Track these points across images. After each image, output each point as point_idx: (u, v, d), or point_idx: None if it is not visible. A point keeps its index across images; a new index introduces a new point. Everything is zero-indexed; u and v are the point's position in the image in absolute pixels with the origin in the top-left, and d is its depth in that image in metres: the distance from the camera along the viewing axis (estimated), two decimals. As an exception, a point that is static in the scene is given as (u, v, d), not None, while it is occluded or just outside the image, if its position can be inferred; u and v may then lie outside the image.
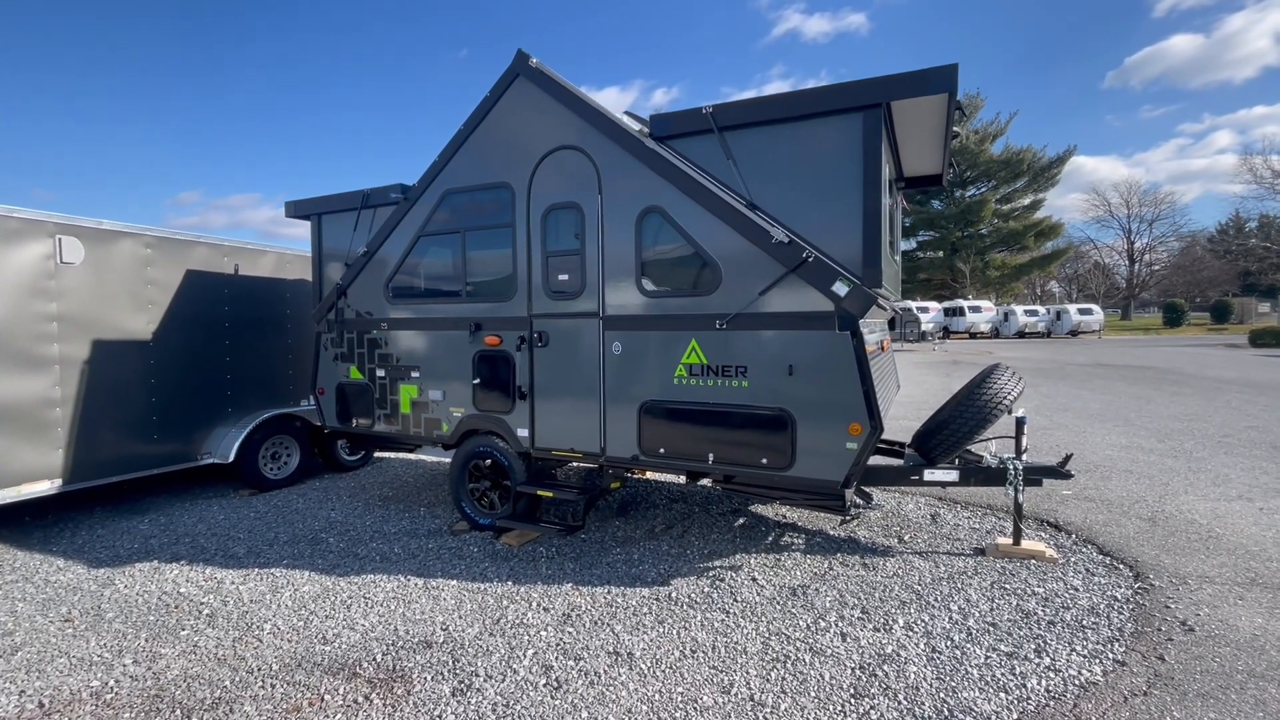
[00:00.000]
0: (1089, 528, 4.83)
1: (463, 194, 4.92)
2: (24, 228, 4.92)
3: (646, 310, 4.24)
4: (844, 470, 3.68)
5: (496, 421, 4.85)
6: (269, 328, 6.80)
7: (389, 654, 3.22)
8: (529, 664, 3.10)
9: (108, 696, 2.92)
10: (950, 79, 3.40)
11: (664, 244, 4.19)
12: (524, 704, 2.79)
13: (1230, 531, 4.65)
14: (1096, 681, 2.85)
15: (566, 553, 4.54)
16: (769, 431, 3.86)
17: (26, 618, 3.74)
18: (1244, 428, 8.49)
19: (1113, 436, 8.10)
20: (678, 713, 2.72)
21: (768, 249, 3.77)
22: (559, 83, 4.44)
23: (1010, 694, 2.78)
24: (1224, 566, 4.05)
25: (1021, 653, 3.10)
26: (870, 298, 3.54)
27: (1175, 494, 5.62)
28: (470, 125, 4.82)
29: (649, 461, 4.29)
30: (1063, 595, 3.71)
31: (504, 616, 3.60)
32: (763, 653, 3.18)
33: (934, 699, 2.76)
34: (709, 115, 3.95)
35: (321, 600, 3.87)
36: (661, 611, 3.63)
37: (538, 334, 4.63)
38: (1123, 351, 23.48)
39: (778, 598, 3.77)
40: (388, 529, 5.17)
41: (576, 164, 4.41)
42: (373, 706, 2.79)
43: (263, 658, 3.22)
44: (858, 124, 3.60)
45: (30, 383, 4.94)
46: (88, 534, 5.25)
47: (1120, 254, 56.41)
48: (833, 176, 3.68)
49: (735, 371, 3.95)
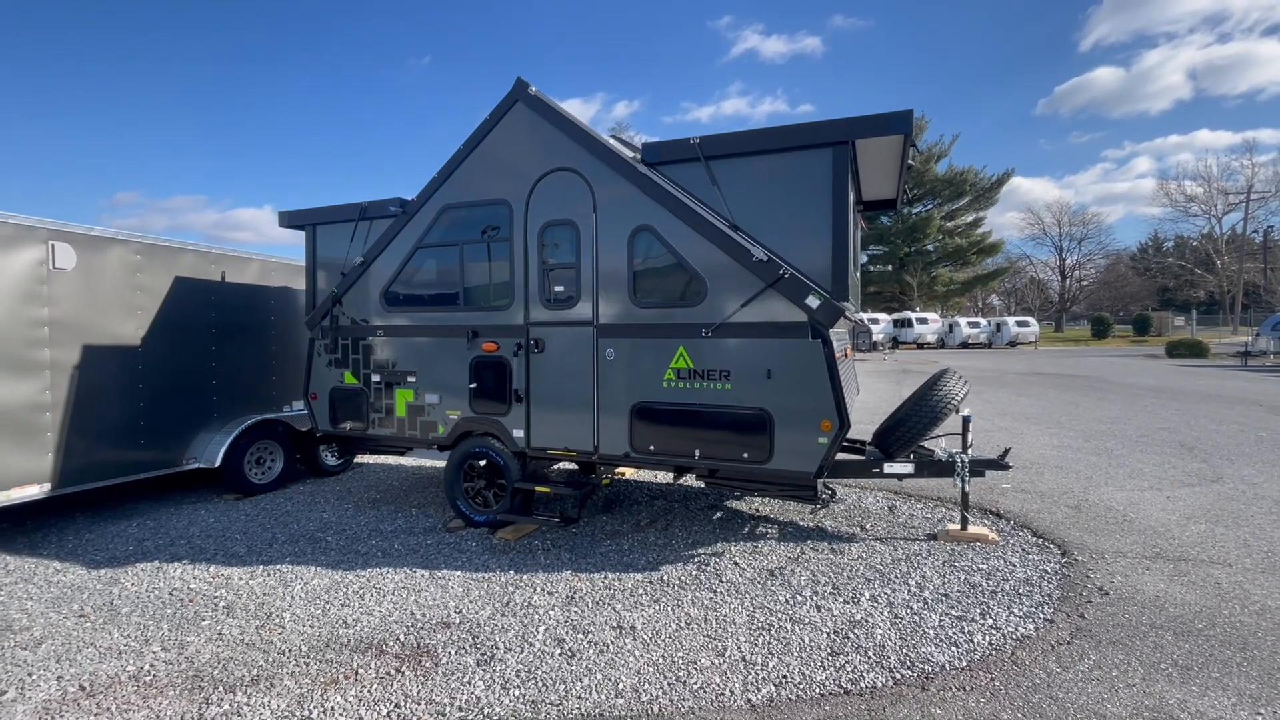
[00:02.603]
0: (1024, 515, 5.45)
1: (461, 208, 5.22)
2: (18, 233, 4.97)
3: (638, 319, 4.64)
4: (816, 462, 4.15)
5: (493, 423, 5.15)
6: (254, 334, 6.90)
7: (410, 633, 3.50)
8: (543, 638, 3.43)
9: (146, 679, 3.11)
10: (907, 122, 3.95)
11: (654, 259, 4.61)
12: (544, 669, 3.12)
13: (1141, 516, 5.34)
14: (1029, 636, 3.38)
15: (561, 545, 4.87)
16: (750, 429, 4.31)
17: (40, 614, 3.84)
18: (1157, 429, 9.45)
19: (1045, 437, 8.91)
20: (680, 672, 3.10)
21: (749, 265, 4.23)
22: (556, 109, 4.82)
23: (960, 647, 3.27)
24: (1135, 544, 4.70)
25: (969, 616, 3.61)
26: (839, 310, 4.04)
27: (1097, 486, 6.34)
28: (469, 145, 5.14)
29: (640, 459, 4.68)
30: (1003, 570, 4.26)
31: (512, 600, 3.91)
32: (749, 623, 3.59)
33: (898, 654, 3.22)
34: (696, 145, 4.40)
35: (333, 591, 4.09)
36: (656, 592, 4.01)
37: (534, 341, 4.96)
38: (1056, 361, 25.16)
39: (758, 578, 4.20)
40: (384, 528, 5.38)
41: (572, 185, 4.79)
42: (405, 677, 3.08)
43: (289, 641, 3.45)
44: (828, 157, 4.11)
45: (21, 387, 4.97)
46: (75, 538, 5.28)
47: (1053, 270, 60.10)
48: (806, 201, 4.18)
49: (719, 375, 4.39)
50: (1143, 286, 57.46)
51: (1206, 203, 49.49)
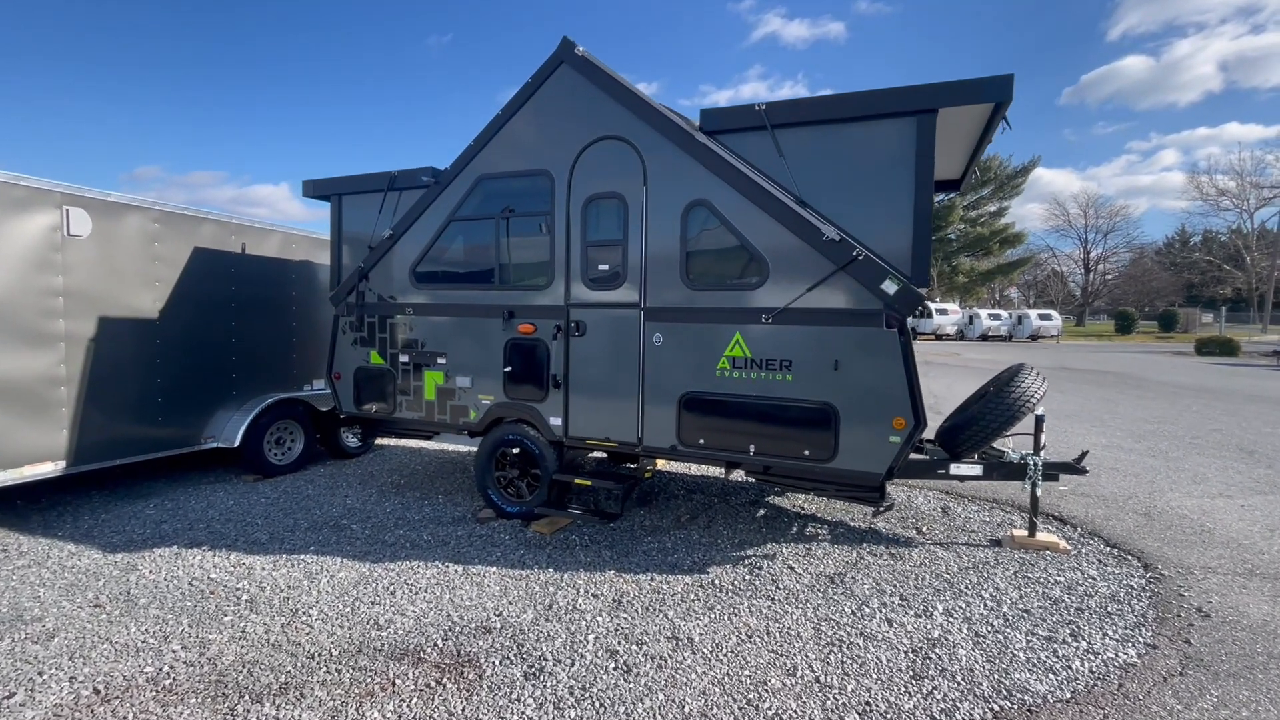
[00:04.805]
0: (1091, 521, 5.10)
1: (499, 179, 4.87)
2: (31, 197, 4.68)
3: (690, 303, 4.29)
4: (886, 463, 3.81)
5: (528, 410, 4.84)
6: (274, 309, 6.61)
7: (449, 639, 3.22)
8: (593, 648, 3.14)
9: (166, 682, 2.85)
10: (1004, 89, 3.53)
11: (710, 238, 4.25)
12: (599, 686, 2.83)
13: (1220, 526, 4.97)
14: (1134, 664, 3.04)
15: (601, 541, 4.58)
16: (813, 424, 3.97)
17: (52, 603, 3.60)
18: (1209, 430, 9.01)
19: (1092, 436, 8.50)
20: (750, 694, 2.80)
21: (818, 246, 3.87)
22: (606, 72, 4.43)
23: (1058, 675, 2.95)
24: (1222, 558, 4.34)
25: (1059, 637, 3.28)
26: (919, 296, 3.67)
27: (1162, 491, 5.95)
28: (508, 111, 4.77)
29: (688, 452, 4.36)
30: (1083, 584, 3.92)
31: (555, 603, 3.62)
32: (816, 638, 3.28)
33: (990, 680, 2.90)
34: (762, 112, 4.01)
35: (362, 586, 3.82)
36: (709, 598, 3.70)
37: (575, 323, 4.63)
38: (1081, 356, 24.53)
39: (817, 585, 3.89)
40: (410, 516, 5.11)
41: (621, 155, 4.42)
42: (446, 691, 2.80)
43: (318, 643, 3.18)
44: (912, 127, 3.71)
45: (36, 360, 4.71)
46: (91, 518, 5.05)
47: (1076, 262, 58.79)
48: (885, 176, 3.79)
49: (780, 365, 4.04)
50: (1169, 282, 56.13)
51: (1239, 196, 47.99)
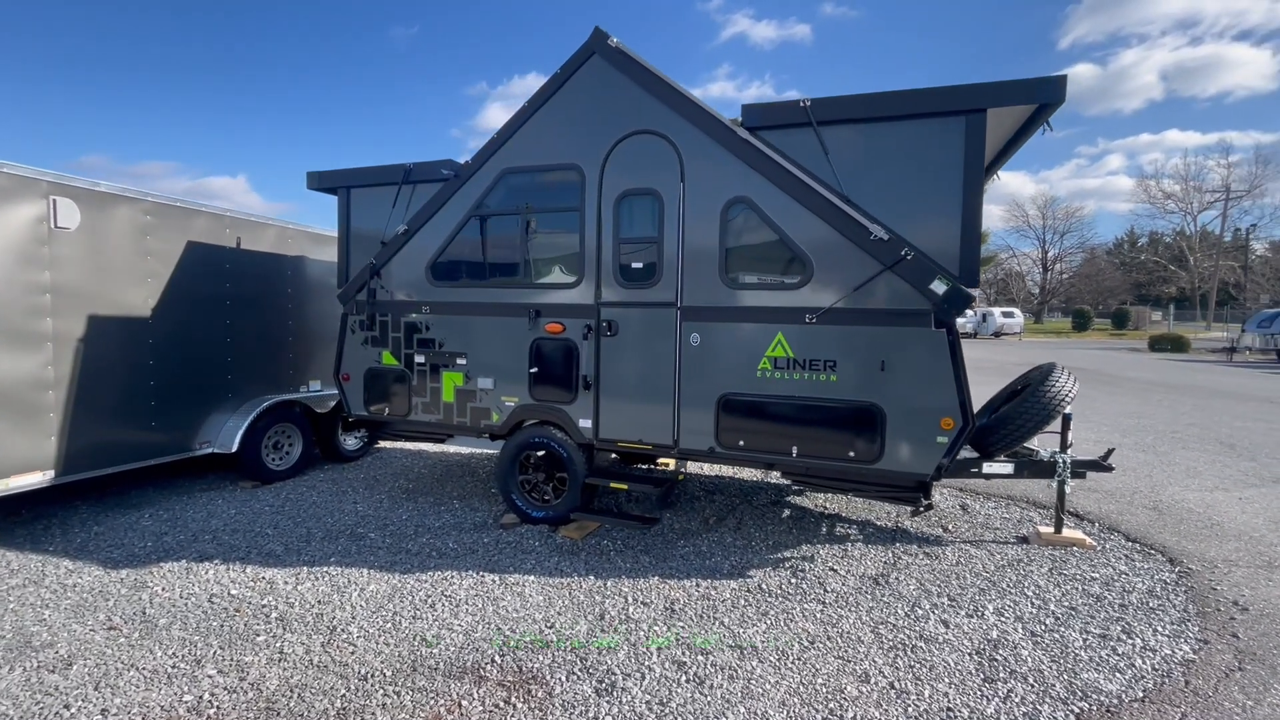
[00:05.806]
0: (1106, 517, 5.21)
1: (524, 173, 4.70)
2: (15, 185, 4.32)
3: (729, 302, 4.21)
4: (934, 464, 3.80)
5: (555, 412, 4.69)
6: (271, 307, 6.29)
7: (506, 654, 3.07)
8: (659, 660, 3.04)
9: (210, 712, 2.64)
10: (1059, 90, 3.54)
11: (751, 235, 4.18)
12: (676, 701, 2.73)
13: (1226, 520, 5.14)
14: (1192, 660, 3.09)
15: (635, 546, 4.47)
16: (858, 426, 3.93)
17: (61, 626, 3.32)
18: (1186, 425, 9.38)
19: (1081, 432, 8.73)
20: (830, 703, 2.74)
21: (864, 245, 3.83)
22: (641, 64, 4.31)
23: (1125, 674, 2.97)
24: (1239, 551, 4.47)
25: (1112, 634, 3.32)
26: (969, 297, 3.66)
27: (1163, 486, 6.14)
28: (535, 103, 4.61)
29: (726, 454, 4.28)
30: (1118, 580, 3.98)
31: (605, 612, 3.51)
32: (878, 642, 3.25)
33: (1061, 681, 2.91)
34: (807, 108, 3.95)
35: (398, 600, 3.64)
36: (759, 603, 3.64)
37: (606, 322, 4.50)
38: (1046, 353, 25.36)
39: (863, 587, 3.86)
40: (429, 523, 4.92)
41: (656, 150, 4.31)
42: (517, 711, 2.66)
43: (367, 663, 3.00)
44: (960, 126, 3.70)
45: (21, 361, 4.36)
46: (83, 531, 4.71)
47: (1035, 262, 60.85)
48: (933, 175, 3.77)
49: (824, 366, 4.00)
50: (1120, 281, 58.57)
51: (1183, 200, 50.40)
